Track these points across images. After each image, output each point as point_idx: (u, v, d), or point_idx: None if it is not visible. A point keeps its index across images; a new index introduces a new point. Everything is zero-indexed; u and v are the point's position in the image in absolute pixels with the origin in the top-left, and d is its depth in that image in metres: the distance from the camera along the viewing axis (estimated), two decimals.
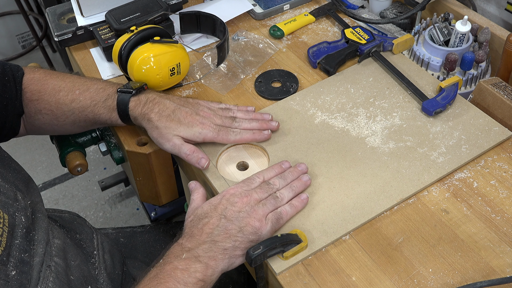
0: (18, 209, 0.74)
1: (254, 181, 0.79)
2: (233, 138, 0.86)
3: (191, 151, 0.84)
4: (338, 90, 0.98)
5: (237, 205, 0.74)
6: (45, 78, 0.90)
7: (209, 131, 0.85)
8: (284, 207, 0.77)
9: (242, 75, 1.04)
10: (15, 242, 0.70)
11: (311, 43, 1.11)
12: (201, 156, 0.84)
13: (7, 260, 0.68)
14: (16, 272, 0.68)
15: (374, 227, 0.77)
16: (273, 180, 0.80)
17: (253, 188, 0.78)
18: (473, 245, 0.74)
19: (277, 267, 0.73)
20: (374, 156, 0.86)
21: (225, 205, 0.75)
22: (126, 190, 2.01)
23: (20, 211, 0.74)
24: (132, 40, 0.93)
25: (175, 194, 1.02)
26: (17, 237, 0.71)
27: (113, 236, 1.06)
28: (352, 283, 0.71)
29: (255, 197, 0.76)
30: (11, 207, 0.73)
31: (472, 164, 0.85)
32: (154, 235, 1.09)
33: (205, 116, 0.87)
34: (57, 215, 0.92)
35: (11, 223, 0.71)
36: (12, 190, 0.75)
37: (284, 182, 0.80)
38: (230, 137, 0.86)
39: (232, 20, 1.17)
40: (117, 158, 0.99)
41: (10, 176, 0.77)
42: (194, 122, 0.85)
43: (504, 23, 1.15)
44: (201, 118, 0.86)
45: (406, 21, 1.15)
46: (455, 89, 0.93)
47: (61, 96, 0.88)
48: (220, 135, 0.86)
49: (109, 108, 0.88)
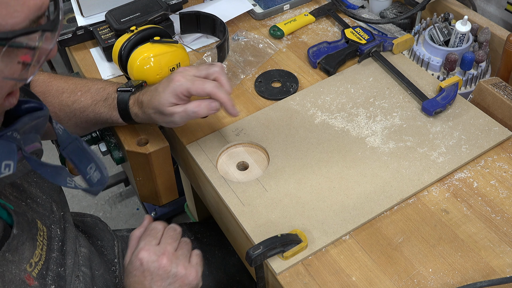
0: (54, 221, 0.74)
1: (157, 229, 0.79)
2: (210, 88, 0.80)
3: (196, 106, 0.80)
4: (338, 90, 0.98)
5: (160, 273, 0.74)
6: (49, 80, 0.90)
7: (183, 81, 0.80)
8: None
9: (242, 75, 1.04)
10: (52, 255, 0.71)
11: (311, 43, 1.11)
12: (207, 102, 0.80)
13: (46, 274, 0.68)
14: (54, 286, 0.68)
15: (374, 227, 0.77)
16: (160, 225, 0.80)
17: (163, 241, 0.77)
18: (473, 245, 0.74)
19: (277, 267, 0.73)
20: (374, 156, 0.86)
21: (149, 280, 0.74)
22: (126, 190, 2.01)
23: (56, 224, 0.74)
24: (132, 40, 0.93)
25: (175, 194, 1.02)
26: (54, 251, 0.72)
27: (128, 237, 1.06)
28: (352, 283, 0.71)
29: (170, 251, 0.76)
30: (48, 220, 0.73)
31: (472, 164, 0.85)
32: None
33: (179, 71, 0.83)
34: (79, 220, 0.92)
35: (49, 236, 0.71)
36: (48, 201, 0.75)
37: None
38: (205, 86, 0.80)
39: (232, 20, 1.17)
40: (117, 158, 0.99)
41: (46, 187, 0.77)
42: (169, 81, 0.81)
43: (504, 23, 1.15)
44: (175, 74, 0.83)
45: (406, 21, 1.15)
46: (455, 89, 0.93)
47: (64, 98, 0.88)
48: (195, 84, 0.80)
49: (110, 106, 0.88)
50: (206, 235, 1.10)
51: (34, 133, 0.63)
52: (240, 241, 0.83)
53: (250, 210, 0.79)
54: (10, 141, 0.58)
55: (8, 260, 0.63)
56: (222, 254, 1.08)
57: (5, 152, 0.57)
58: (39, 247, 0.69)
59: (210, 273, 1.04)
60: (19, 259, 0.65)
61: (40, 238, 0.69)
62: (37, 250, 0.68)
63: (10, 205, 0.67)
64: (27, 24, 0.51)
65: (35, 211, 0.72)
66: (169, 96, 0.80)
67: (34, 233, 0.69)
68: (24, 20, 0.51)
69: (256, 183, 0.83)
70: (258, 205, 0.80)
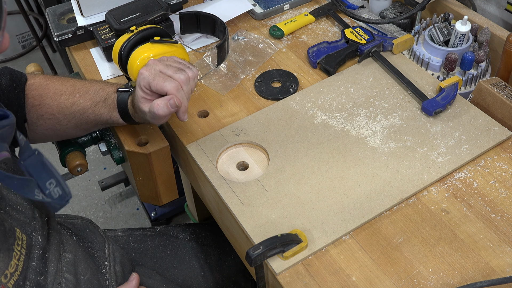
0: (36, 228, 0.72)
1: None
2: (169, 87, 0.79)
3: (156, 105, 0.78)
4: (338, 90, 0.98)
5: None
6: (46, 83, 0.89)
7: (146, 75, 0.79)
8: None
9: (242, 75, 1.04)
10: (31, 264, 0.69)
11: (311, 43, 1.11)
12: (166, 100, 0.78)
13: (24, 284, 0.67)
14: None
15: (374, 227, 0.77)
16: None
17: None
18: (473, 245, 0.74)
19: (277, 267, 0.73)
20: (374, 156, 0.86)
21: None
22: (126, 190, 2.01)
23: (37, 231, 0.72)
24: (132, 40, 0.93)
25: (175, 194, 1.02)
26: (34, 259, 0.70)
27: (123, 240, 1.05)
28: (352, 283, 0.71)
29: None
30: (29, 227, 0.71)
31: (472, 164, 0.85)
32: (164, 240, 1.08)
33: (150, 63, 0.82)
34: (69, 222, 0.91)
35: (29, 244, 0.69)
36: (30, 207, 0.73)
37: None
38: (165, 84, 0.79)
39: (232, 20, 1.17)
40: (117, 158, 0.99)
41: None
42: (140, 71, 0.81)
43: (504, 23, 1.15)
44: (145, 65, 0.82)
45: (406, 21, 1.15)
46: (455, 89, 0.93)
47: (62, 100, 0.88)
48: (156, 79, 0.79)
49: (110, 107, 0.88)
50: (201, 236, 1.10)
51: (1, 142, 0.61)
52: (240, 241, 0.83)
53: (250, 210, 0.79)
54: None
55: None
56: (218, 254, 1.07)
57: None
58: (15, 257, 0.67)
59: (205, 274, 1.04)
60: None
61: (18, 248, 0.68)
62: (12, 261, 0.66)
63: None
64: None
65: (15, 218, 0.70)
66: (138, 90, 0.81)
67: (10, 243, 0.67)
68: None
69: (256, 183, 0.83)
70: (258, 205, 0.80)
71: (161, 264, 1.02)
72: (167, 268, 1.02)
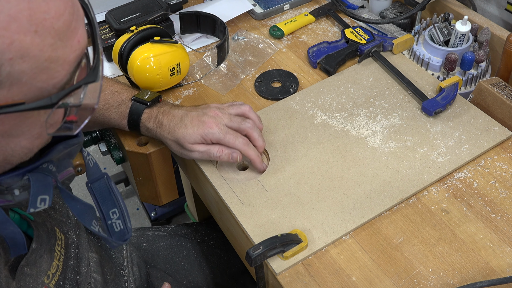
0: (70, 227, 0.72)
1: None
2: (239, 145, 0.82)
3: (220, 151, 0.81)
4: (338, 90, 0.98)
5: None
6: None
7: (216, 131, 0.81)
8: None
9: (242, 75, 1.04)
10: (69, 263, 0.69)
11: (311, 43, 1.11)
12: (230, 152, 0.81)
13: (64, 284, 0.66)
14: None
15: (374, 227, 0.77)
16: None
17: None
18: (473, 245, 0.74)
19: (277, 267, 0.73)
20: (374, 156, 0.86)
21: None
22: (126, 190, 2.01)
23: (72, 230, 0.72)
24: (132, 40, 0.93)
25: (175, 194, 1.02)
26: (71, 258, 0.69)
27: (135, 240, 1.05)
28: (352, 283, 0.71)
29: None
30: (65, 226, 0.71)
31: (472, 164, 0.85)
32: (176, 241, 1.07)
33: (212, 115, 0.83)
34: None
35: (66, 244, 0.69)
36: (65, 206, 0.73)
37: None
38: (236, 142, 0.81)
39: (232, 20, 1.17)
40: (117, 158, 0.99)
41: None
42: (201, 123, 0.81)
43: (504, 23, 1.15)
44: (208, 118, 0.82)
45: (406, 21, 1.15)
46: (455, 89, 0.93)
47: None
48: (226, 137, 0.81)
49: (121, 114, 0.86)
50: (212, 237, 1.09)
51: (68, 159, 0.61)
52: (240, 241, 0.83)
53: (250, 210, 0.79)
54: (46, 174, 0.55)
55: (26, 274, 0.61)
56: (226, 256, 1.07)
57: (41, 186, 0.54)
58: (57, 258, 0.67)
59: (213, 275, 1.04)
60: (37, 272, 0.63)
61: (58, 248, 0.68)
62: (54, 261, 0.66)
63: (30, 216, 0.64)
64: (68, 79, 0.48)
65: (54, 218, 0.70)
66: (197, 137, 0.80)
67: (52, 244, 0.67)
68: (65, 76, 0.48)
69: (256, 183, 0.83)
70: (258, 205, 0.80)
71: (172, 266, 1.02)
72: (178, 269, 1.02)
